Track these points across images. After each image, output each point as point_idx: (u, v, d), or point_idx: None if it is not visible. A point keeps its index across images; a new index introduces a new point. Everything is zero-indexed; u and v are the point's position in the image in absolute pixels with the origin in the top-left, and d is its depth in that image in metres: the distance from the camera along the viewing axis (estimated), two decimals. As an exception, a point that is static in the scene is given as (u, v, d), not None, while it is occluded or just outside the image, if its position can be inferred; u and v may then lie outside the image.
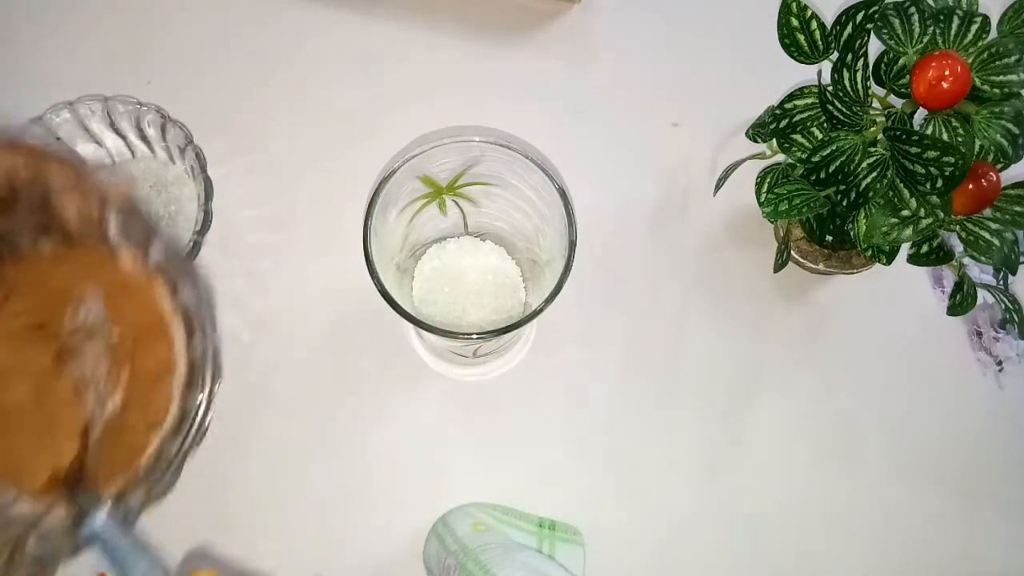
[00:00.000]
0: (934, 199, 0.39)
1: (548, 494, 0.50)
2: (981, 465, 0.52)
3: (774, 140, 0.45)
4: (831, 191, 0.42)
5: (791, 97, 0.44)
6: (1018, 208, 0.40)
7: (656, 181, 0.57)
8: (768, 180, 0.45)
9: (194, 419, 0.25)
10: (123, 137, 0.53)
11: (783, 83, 0.46)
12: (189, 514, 0.46)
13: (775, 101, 0.44)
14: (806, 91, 0.43)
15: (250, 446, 0.51)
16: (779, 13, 0.42)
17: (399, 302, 0.40)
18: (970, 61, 0.39)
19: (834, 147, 0.41)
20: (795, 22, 0.42)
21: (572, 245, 0.40)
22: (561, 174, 0.51)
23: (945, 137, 0.38)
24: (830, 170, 0.41)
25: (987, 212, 0.41)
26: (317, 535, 0.48)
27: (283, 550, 0.49)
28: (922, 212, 0.39)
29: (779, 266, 0.49)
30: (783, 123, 0.44)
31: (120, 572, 0.21)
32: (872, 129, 0.41)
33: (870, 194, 0.40)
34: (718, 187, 0.49)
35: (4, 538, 0.22)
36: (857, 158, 0.41)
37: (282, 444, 0.49)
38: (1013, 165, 0.40)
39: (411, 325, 0.40)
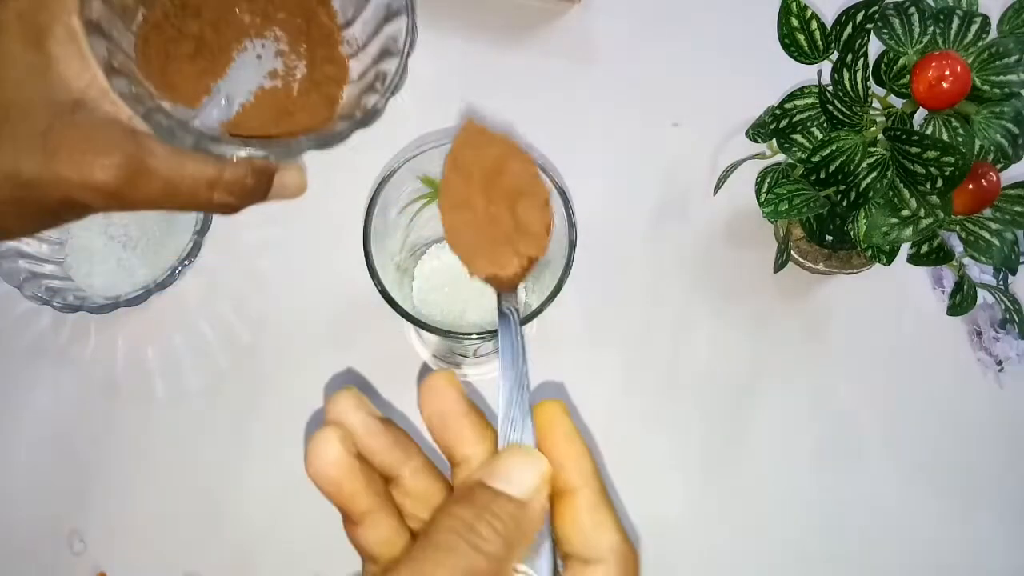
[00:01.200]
0: (934, 199, 0.39)
1: (548, 494, 0.50)
2: (981, 465, 0.52)
3: (774, 140, 0.45)
4: (831, 191, 0.42)
5: (791, 97, 0.44)
6: (1018, 208, 0.40)
7: (656, 181, 0.57)
8: (768, 180, 0.45)
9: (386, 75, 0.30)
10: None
11: (783, 83, 0.46)
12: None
13: (775, 101, 0.44)
14: (806, 91, 0.43)
15: (251, 446, 0.51)
16: (779, 13, 0.42)
17: (399, 302, 0.40)
18: (970, 61, 0.39)
19: (834, 147, 0.41)
20: (795, 22, 0.42)
21: (572, 245, 0.40)
22: (561, 174, 0.51)
23: (945, 137, 0.38)
24: (830, 170, 0.41)
25: (987, 212, 0.41)
26: (317, 534, 0.48)
27: (282, 550, 0.49)
28: (922, 212, 0.39)
29: (779, 266, 0.49)
30: (783, 123, 0.44)
31: (507, 357, 0.27)
32: (872, 129, 0.41)
33: (870, 194, 0.40)
34: (718, 187, 0.49)
35: None
36: (857, 158, 0.41)
37: (283, 444, 0.49)
38: (1013, 165, 0.40)
39: (411, 325, 0.40)
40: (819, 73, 0.43)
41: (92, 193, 0.25)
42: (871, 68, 0.41)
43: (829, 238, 0.48)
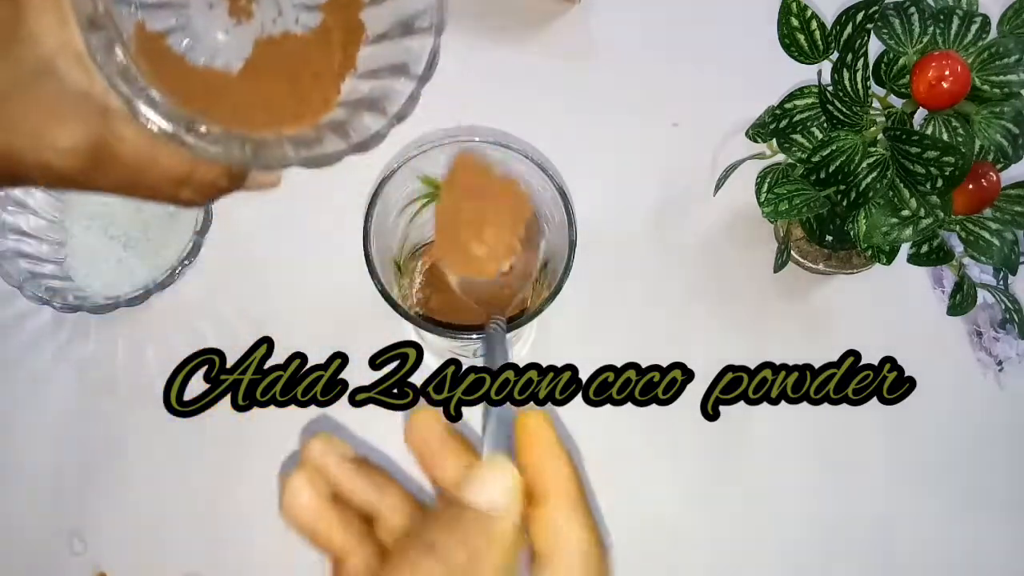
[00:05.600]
0: (934, 199, 0.39)
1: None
2: (981, 465, 0.52)
3: (774, 140, 0.45)
4: (831, 191, 0.42)
5: (791, 97, 0.44)
6: (1018, 208, 0.40)
7: (656, 181, 0.57)
8: (768, 180, 0.45)
9: None
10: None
11: (783, 83, 0.46)
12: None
13: (775, 101, 0.44)
14: (806, 91, 0.43)
15: (251, 446, 0.51)
16: (779, 13, 0.42)
17: (399, 302, 0.40)
18: (970, 61, 0.39)
19: (834, 147, 0.41)
20: (795, 22, 0.42)
21: (572, 245, 0.40)
22: (561, 174, 0.51)
23: (945, 137, 0.38)
24: (830, 170, 0.41)
25: (987, 212, 0.41)
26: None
27: (284, 551, 0.49)
28: (922, 212, 0.39)
29: (779, 266, 0.49)
30: (783, 123, 0.44)
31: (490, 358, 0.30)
32: (872, 129, 0.41)
33: (870, 194, 0.40)
34: (718, 187, 0.49)
35: None
36: (857, 158, 0.41)
37: (284, 443, 0.49)
38: (1013, 165, 0.40)
39: (411, 325, 0.40)
40: (819, 73, 0.43)
41: (46, 174, 0.23)
42: (871, 68, 0.41)
43: (829, 238, 0.48)
